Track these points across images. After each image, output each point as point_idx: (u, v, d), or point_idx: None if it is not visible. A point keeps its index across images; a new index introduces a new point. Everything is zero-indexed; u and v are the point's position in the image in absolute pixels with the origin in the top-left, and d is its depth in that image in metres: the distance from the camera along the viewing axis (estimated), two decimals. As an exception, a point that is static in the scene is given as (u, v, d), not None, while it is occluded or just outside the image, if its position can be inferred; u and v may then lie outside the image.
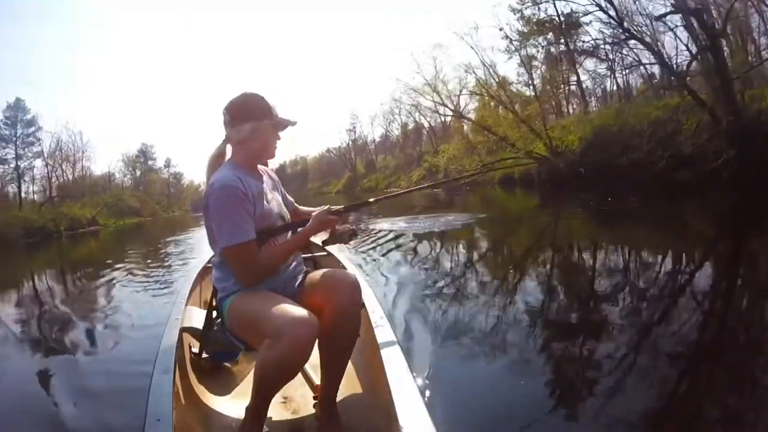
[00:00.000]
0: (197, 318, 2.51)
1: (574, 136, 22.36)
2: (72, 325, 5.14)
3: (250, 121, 2.00)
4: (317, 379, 2.23)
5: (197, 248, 10.84)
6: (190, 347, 2.53)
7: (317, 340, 1.84)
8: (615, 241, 7.72)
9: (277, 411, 2.17)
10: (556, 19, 21.56)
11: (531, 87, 27.31)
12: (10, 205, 37.61)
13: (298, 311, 1.70)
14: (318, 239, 2.49)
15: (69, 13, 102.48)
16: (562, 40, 22.99)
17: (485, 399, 2.67)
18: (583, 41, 22.35)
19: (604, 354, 3.06)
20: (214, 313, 2.22)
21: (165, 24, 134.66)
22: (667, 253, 6.28)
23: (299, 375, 2.37)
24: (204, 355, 2.47)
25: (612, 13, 18.01)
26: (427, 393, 2.56)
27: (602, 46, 22.03)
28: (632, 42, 19.09)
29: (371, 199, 2.47)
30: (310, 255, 2.77)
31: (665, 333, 3.39)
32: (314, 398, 2.20)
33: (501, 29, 23.96)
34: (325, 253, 3.62)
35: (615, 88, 29.93)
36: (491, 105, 28.16)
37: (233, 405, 2.24)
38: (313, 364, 2.17)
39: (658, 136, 16.54)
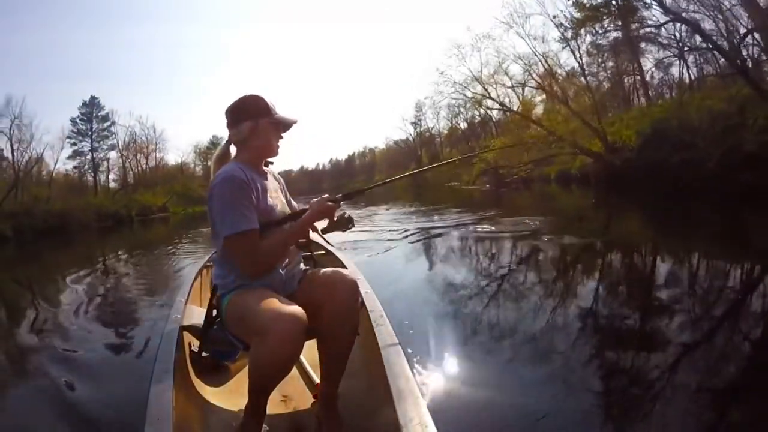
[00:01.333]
0: (197, 316, 2.53)
1: (631, 131, 20.53)
2: (72, 322, 5.11)
3: (249, 120, 2.03)
4: (317, 378, 2.29)
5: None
6: (190, 346, 2.49)
7: (317, 339, 2.00)
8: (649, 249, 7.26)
9: (276, 410, 2.16)
10: (614, 2, 19.71)
11: (584, 78, 25.45)
12: (88, 192, 39.49)
13: (285, 306, 1.70)
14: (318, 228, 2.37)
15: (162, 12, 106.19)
16: (619, 25, 21.02)
17: (484, 400, 2.62)
18: (634, 26, 20.33)
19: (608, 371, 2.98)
20: (214, 312, 2.18)
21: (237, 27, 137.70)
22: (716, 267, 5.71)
23: (298, 374, 2.47)
24: (204, 354, 2.42)
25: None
26: (427, 393, 2.57)
27: (663, 29, 20.01)
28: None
29: (365, 187, 2.46)
30: (309, 254, 2.61)
31: (704, 355, 3.10)
32: (314, 397, 2.21)
33: (555, 17, 22.37)
34: (324, 252, 3.61)
35: (688, 77, 27.34)
36: (552, 99, 26.63)
37: (233, 403, 2.21)
38: (313, 363, 2.27)
39: (716, 131, 14.65)
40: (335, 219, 2.22)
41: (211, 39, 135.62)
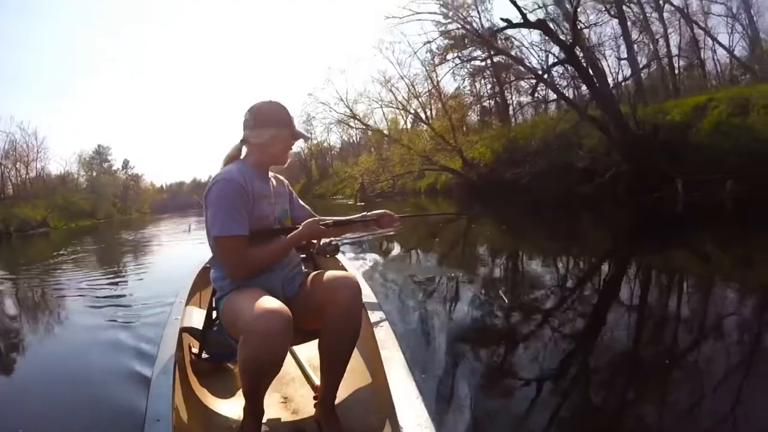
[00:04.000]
0: (197, 318, 2.47)
1: (487, 149, 22.08)
2: (69, 323, 5.09)
3: (273, 127, 1.99)
4: (317, 380, 2.20)
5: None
6: (190, 347, 2.43)
7: (318, 340, 1.93)
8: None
9: (277, 411, 2.13)
10: (479, 31, 20.35)
11: (440, 102, 26.86)
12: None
13: (268, 305, 1.64)
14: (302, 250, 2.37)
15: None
16: (483, 54, 21.78)
17: (483, 400, 2.58)
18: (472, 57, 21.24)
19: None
20: (214, 314, 2.16)
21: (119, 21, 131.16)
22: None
23: (299, 375, 2.43)
24: (204, 355, 2.35)
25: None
26: (427, 393, 2.45)
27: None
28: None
29: (358, 218, 2.33)
30: (309, 254, 2.49)
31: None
32: (314, 398, 2.12)
33: (427, 42, 22.92)
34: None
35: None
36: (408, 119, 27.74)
37: (232, 405, 2.16)
38: (314, 365, 2.23)
39: (556, 150, 16.08)
40: (322, 244, 2.27)
41: (100, 41, 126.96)
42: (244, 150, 2.10)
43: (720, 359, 2.93)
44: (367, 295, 2.60)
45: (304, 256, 2.39)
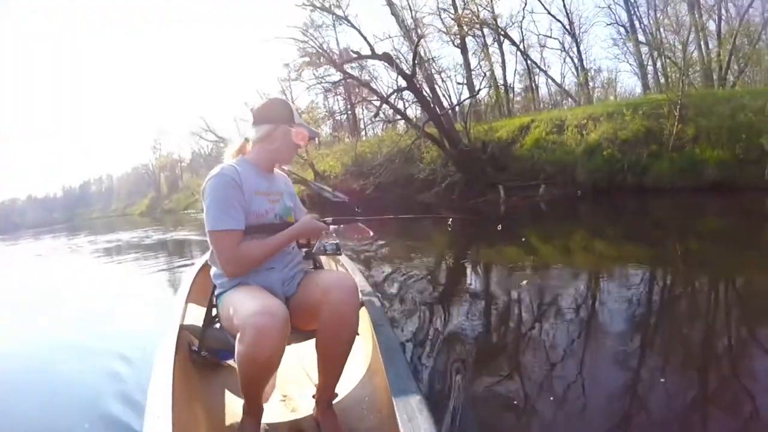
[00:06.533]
0: (196, 315, 2.44)
1: (336, 162, 23.08)
2: (67, 323, 4.83)
3: (269, 123, 2.00)
4: (317, 379, 2.07)
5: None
6: (190, 345, 2.29)
7: (315, 340, 1.87)
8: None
9: (276, 409, 2.11)
10: (333, 57, 20.96)
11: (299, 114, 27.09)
12: None
13: (265, 302, 1.64)
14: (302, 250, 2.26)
15: None
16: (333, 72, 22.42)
17: (484, 399, 2.48)
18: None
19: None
20: (213, 311, 2.11)
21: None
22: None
23: (299, 374, 2.42)
24: (203, 353, 2.23)
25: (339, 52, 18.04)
26: (427, 393, 2.49)
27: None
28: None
29: (356, 218, 2.28)
30: (308, 252, 2.35)
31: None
32: (313, 397, 2.03)
33: (286, 64, 23.13)
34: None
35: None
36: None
37: (232, 403, 2.09)
38: (313, 363, 2.11)
39: (396, 162, 17.19)
40: (323, 242, 2.25)
41: None
42: (249, 147, 2.09)
43: (556, 330, 3.25)
44: (368, 294, 2.61)
45: (306, 252, 2.30)
